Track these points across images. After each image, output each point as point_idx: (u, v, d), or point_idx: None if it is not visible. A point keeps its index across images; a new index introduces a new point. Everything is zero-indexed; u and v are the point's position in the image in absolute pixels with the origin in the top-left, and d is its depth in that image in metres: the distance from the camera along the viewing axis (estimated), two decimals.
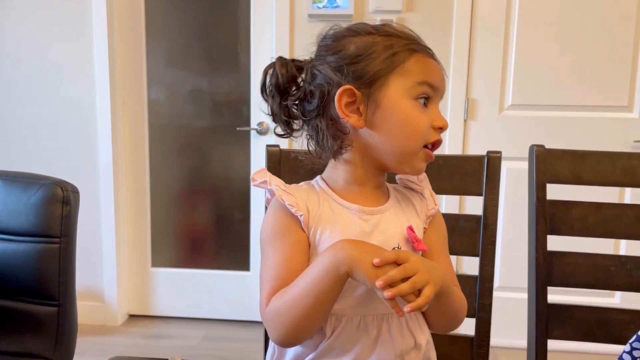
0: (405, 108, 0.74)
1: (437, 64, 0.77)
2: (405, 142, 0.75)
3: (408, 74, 0.74)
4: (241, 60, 2.50)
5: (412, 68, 0.74)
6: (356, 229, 0.75)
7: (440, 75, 0.77)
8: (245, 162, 2.55)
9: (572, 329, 1.10)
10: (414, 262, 0.66)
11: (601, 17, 2.20)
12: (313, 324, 0.71)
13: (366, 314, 0.74)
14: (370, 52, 0.74)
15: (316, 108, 0.77)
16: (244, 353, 2.30)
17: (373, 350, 0.74)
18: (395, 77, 0.74)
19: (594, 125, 2.26)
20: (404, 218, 0.79)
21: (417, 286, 0.65)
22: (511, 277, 2.35)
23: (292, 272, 0.73)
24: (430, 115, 0.76)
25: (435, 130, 0.76)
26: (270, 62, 0.80)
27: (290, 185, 0.79)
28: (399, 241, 0.77)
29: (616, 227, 1.08)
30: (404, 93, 0.74)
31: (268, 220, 0.78)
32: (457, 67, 2.28)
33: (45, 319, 1.11)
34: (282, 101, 0.80)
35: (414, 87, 0.74)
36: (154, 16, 2.49)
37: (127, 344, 2.39)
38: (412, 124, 0.74)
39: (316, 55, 0.79)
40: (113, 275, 2.55)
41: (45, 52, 2.43)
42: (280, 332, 0.71)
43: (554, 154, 1.09)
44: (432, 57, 0.77)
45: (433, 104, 0.77)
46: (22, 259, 1.10)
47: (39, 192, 1.09)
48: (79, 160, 2.48)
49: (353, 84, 0.74)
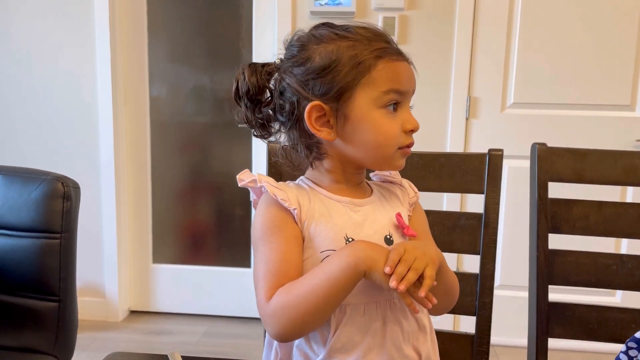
0: (374, 118, 0.75)
1: (404, 65, 0.77)
2: (378, 150, 0.76)
3: (374, 84, 0.74)
4: (243, 57, 2.49)
5: (378, 76, 0.74)
6: (349, 219, 0.76)
7: (409, 77, 0.77)
8: (246, 159, 2.55)
9: (573, 327, 1.10)
10: (410, 251, 0.68)
11: (604, 16, 2.20)
12: (320, 319, 0.72)
13: (368, 301, 0.74)
14: (336, 64, 0.74)
15: (288, 121, 0.78)
16: (244, 349, 2.31)
17: (383, 337, 0.74)
18: (361, 88, 0.74)
19: (596, 124, 2.25)
20: (389, 208, 0.81)
21: (419, 272, 0.67)
22: (512, 275, 2.34)
23: (290, 266, 0.73)
24: (400, 119, 0.76)
25: (407, 133, 0.76)
26: (241, 68, 0.80)
27: (279, 182, 0.80)
28: (389, 229, 0.78)
29: (617, 226, 1.08)
30: (372, 103, 0.74)
31: (260, 217, 0.78)
32: (459, 64, 2.27)
33: (45, 314, 1.11)
34: (255, 109, 0.81)
35: (381, 97, 0.74)
36: (156, 13, 2.49)
37: (128, 339, 2.39)
38: (382, 133, 0.75)
39: (284, 63, 0.79)
40: (114, 271, 2.55)
41: (47, 49, 2.42)
42: (285, 327, 0.71)
43: (555, 152, 1.09)
44: (400, 58, 0.76)
45: (403, 107, 0.76)
46: (22, 254, 1.10)
47: (40, 188, 1.09)
48: (80, 157, 2.48)
49: (320, 98, 0.75)
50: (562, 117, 2.27)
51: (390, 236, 0.78)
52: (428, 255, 0.69)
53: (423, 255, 0.68)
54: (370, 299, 0.74)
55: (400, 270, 0.66)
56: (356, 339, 0.74)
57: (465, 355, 1.05)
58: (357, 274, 0.69)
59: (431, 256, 0.69)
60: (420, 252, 0.69)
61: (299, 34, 0.80)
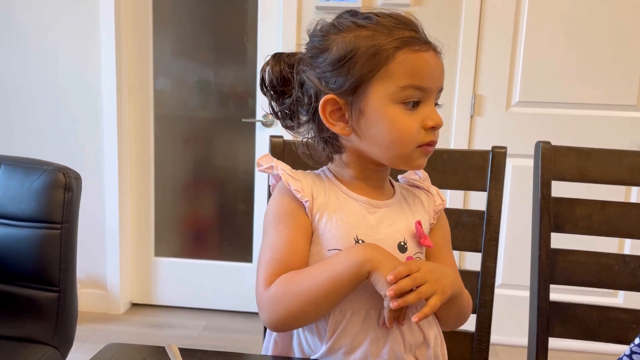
0: (390, 114, 0.71)
1: (430, 57, 0.71)
2: (394, 148, 0.72)
3: (392, 78, 0.70)
4: (248, 51, 2.49)
5: (396, 70, 0.70)
6: (362, 220, 0.75)
7: (432, 72, 0.71)
8: (250, 153, 2.55)
9: (574, 327, 1.09)
10: (424, 272, 0.66)
11: (610, 15, 2.18)
12: (317, 313, 0.71)
13: (371, 308, 0.73)
14: (351, 55, 0.71)
15: (307, 113, 0.77)
16: (244, 344, 2.31)
17: (384, 345, 0.73)
18: (377, 82, 0.70)
19: (601, 123, 2.24)
20: (409, 213, 0.79)
21: (422, 296, 0.65)
22: (514, 274, 2.34)
23: (294, 256, 0.73)
24: (420, 116, 0.71)
25: (427, 130, 0.72)
26: (267, 59, 0.79)
27: (297, 171, 0.78)
28: (405, 235, 0.76)
29: (621, 226, 1.07)
30: (388, 98, 0.71)
31: (273, 204, 0.78)
32: (465, 62, 2.26)
33: (45, 304, 1.12)
34: (279, 100, 0.79)
35: (398, 92, 0.70)
36: (161, 6, 2.48)
37: (129, 332, 2.40)
38: (398, 130, 0.71)
39: (306, 53, 0.77)
40: (116, 263, 2.56)
41: (52, 41, 2.42)
42: (281, 315, 0.70)
43: (559, 151, 1.08)
44: (425, 48, 0.71)
45: (426, 103, 0.72)
46: (23, 244, 1.10)
47: (41, 178, 1.09)
48: (84, 149, 2.48)
49: (336, 92, 0.72)
50: (568, 117, 2.25)
51: (404, 243, 0.75)
52: (440, 284, 0.67)
53: (435, 282, 0.66)
54: (372, 305, 0.72)
55: (403, 284, 0.64)
56: (354, 344, 0.72)
57: (465, 353, 1.05)
58: (361, 272, 0.67)
59: (443, 286, 0.67)
60: (434, 278, 0.66)
61: (322, 23, 0.77)
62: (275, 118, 0.81)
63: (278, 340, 0.80)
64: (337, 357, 0.73)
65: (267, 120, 2.45)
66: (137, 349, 0.74)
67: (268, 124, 2.46)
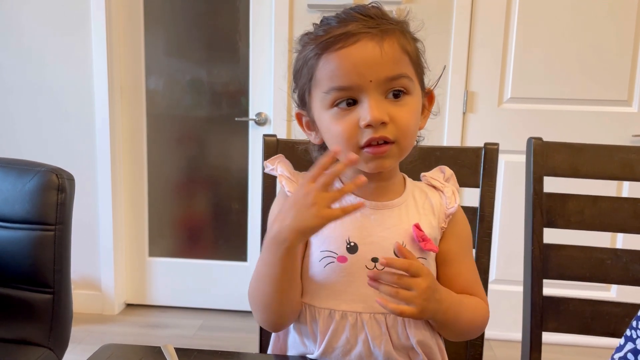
0: (324, 121, 0.72)
1: (356, 50, 0.66)
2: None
3: (319, 85, 0.70)
4: (240, 50, 2.48)
5: (320, 76, 0.70)
6: (357, 222, 0.74)
7: (357, 65, 0.66)
8: (243, 152, 2.54)
9: (567, 321, 1.10)
10: (417, 282, 0.65)
11: (601, 11, 2.19)
12: (277, 302, 0.71)
13: (362, 312, 0.73)
14: (296, 71, 0.75)
15: None
16: (240, 342, 2.31)
17: (376, 348, 0.73)
18: (313, 92, 0.73)
19: (593, 119, 2.25)
20: (415, 215, 0.77)
21: (398, 297, 0.65)
22: (507, 269, 2.35)
23: None
24: (356, 116, 0.68)
25: (364, 129, 0.68)
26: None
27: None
28: (404, 239, 0.74)
29: (613, 221, 1.08)
30: (321, 106, 0.71)
31: (274, 204, 0.81)
32: (457, 59, 2.27)
33: (40, 306, 1.11)
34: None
35: (325, 98, 0.70)
36: (153, 5, 2.47)
37: (124, 332, 2.39)
38: (333, 136, 0.71)
39: None
40: (110, 264, 2.55)
41: (43, 40, 2.41)
42: (256, 313, 0.73)
43: (551, 147, 1.09)
44: (353, 40, 0.67)
45: (364, 101, 0.68)
46: (16, 246, 1.10)
47: (34, 179, 1.09)
48: (76, 149, 2.47)
49: (299, 106, 0.78)
50: (559, 112, 2.27)
51: (403, 245, 0.73)
52: (424, 304, 0.66)
53: (421, 298, 0.65)
54: (364, 309, 0.72)
55: (384, 276, 0.65)
56: (347, 347, 0.73)
57: (460, 348, 1.05)
58: (278, 243, 0.66)
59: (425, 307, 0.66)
60: (423, 294, 0.65)
61: (302, 34, 0.77)
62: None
63: (280, 336, 0.81)
64: (333, 357, 0.74)
65: (260, 119, 2.45)
66: (132, 350, 0.74)
67: (261, 122, 2.46)
